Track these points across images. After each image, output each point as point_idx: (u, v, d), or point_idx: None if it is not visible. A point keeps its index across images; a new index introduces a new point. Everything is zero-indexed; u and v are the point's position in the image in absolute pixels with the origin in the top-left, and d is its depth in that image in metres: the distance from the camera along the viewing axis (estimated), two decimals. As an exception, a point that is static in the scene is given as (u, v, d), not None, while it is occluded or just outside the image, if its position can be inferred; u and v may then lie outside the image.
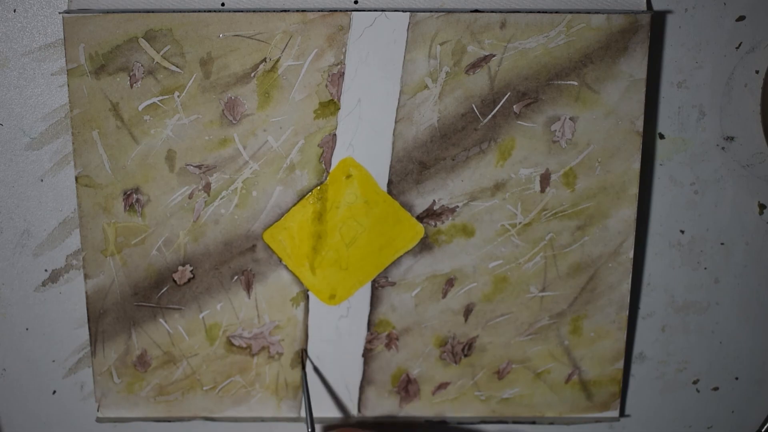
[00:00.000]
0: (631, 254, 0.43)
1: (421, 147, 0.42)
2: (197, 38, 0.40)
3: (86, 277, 0.42)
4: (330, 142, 0.41)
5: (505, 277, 0.43)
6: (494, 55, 0.40)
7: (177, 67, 0.40)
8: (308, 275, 0.43)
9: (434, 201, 0.42)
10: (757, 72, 0.43)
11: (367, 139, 0.41)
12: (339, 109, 0.41)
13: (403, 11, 0.40)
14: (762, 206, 0.44)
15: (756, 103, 0.43)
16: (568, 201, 0.43)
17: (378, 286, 0.43)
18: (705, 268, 0.45)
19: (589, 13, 0.40)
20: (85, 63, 0.40)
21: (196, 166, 0.41)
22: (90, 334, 0.43)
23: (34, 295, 0.44)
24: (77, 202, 0.41)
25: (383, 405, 0.45)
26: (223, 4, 0.40)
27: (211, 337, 0.43)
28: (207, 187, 0.42)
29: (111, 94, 0.40)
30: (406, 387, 0.45)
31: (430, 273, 0.43)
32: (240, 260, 0.42)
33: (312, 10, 0.40)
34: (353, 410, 0.45)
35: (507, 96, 0.41)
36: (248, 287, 0.43)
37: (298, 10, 0.40)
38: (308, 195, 0.42)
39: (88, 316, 0.43)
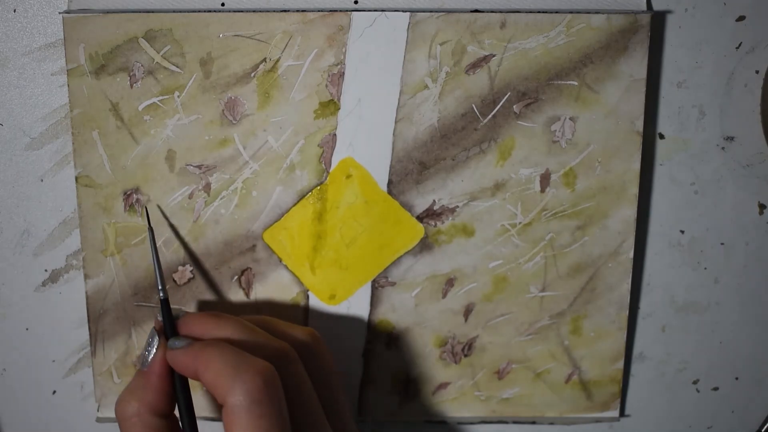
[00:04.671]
0: (631, 254, 0.43)
1: (421, 147, 0.42)
2: (197, 38, 0.40)
3: (86, 277, 0.42)
4: (330, 142, 0.41)
5: (505, 277, 0.43)
6: (494, 55, 0.40)
7: (177, 67, 0.40)
8: (308, 275, 0.43)
9: (434, 201, 0.42)
10: (757, 72, 0.43)
11: (367, 139, 0.42)
12: (339, 109, 0.41)
13: (403, 11, 0.40)
14: (762, 206, 0.45)
15: (756, 103, 0.43)
16: (568, 201, 0.43)
17: (378, 286, 0.43)
18: (705, 268, 0.45)
19: (589, 13, 0.40)
20: (85, 63, 0.40)
21: (196, 166, 0.41)
22: (90, 334, 0.43)
23: (34, 295, 0.44)
24: (77, 202, 0.41)
25: (383, 405, 0.45)
26: (223, 4, 0.40)
27: (211, 337, 0.43)
28: (207, 187, 0.42)
29: (111, 94, 0.40)
30: (406, 387, 0.45)
31: (430, 273, 0.43)
32: (240, 260, 0.43)
33: (312, 10, 0.40)
34: (353, 410, 0.45)
35: (507, 96, 0.41)
36: (248, 287, 0.43)
37: (298, 10, 0.40)
38: (308, 195, 0.42)
39: (88, 316, 0.43)
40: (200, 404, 0.44)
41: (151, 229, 0.40)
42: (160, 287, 0.38)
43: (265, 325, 0.39)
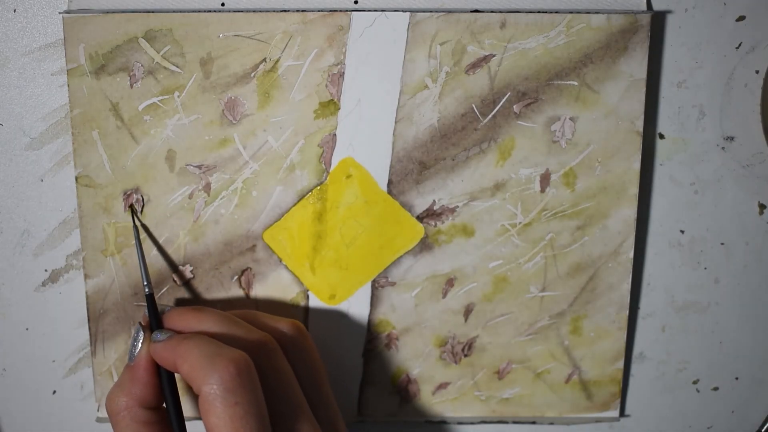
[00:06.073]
0: (631, 254, 0.43)
1: (421, 147, 0.42)
2: (197, 38, 0.40)
3: (86, 277, 0.42)
4: (330, 142, 0.41)
5: (505, 277, 0.43)
6: (494, 55, 0.40)
7: (177, 67, 0.40)
8: (308, 275, 0.43)
9: (434, 201, 0.42)
10: (757, 72, 0.43)
11: (367, 139, 0.42)
12: (339, 109, 0.41)
13: (403, 11, 0.40)
14: (762, 206, 0.45)
15: (756, 103, 0.43)
16: (568, 201, 0.43)
17: (378, 286, 0.43)
18: (705, 268, 0.45)
19: (589, 13, 0.40)
20: (85, 63, 0.40)
21: (196, 166, 0.41)
22: (90, 334, 0.43)
23: (34, 295, 0.44)
24: (77, 202, 0.41)
25: (383, 405, 0.45)
26: (223, 4, 0.40)
27: (211, 337, 0.43)
28: (207, 187, 0.42)
29: (111, 94, 0.40)
30: (406, 387, 0.45)
31: (430, 273, 0.43)
32: (240, 260, 0.43)
33: (312, 10, 0.40)
34: (353, 410, 0.45)
35: (507, 96, 0.41)
36: (248, 287, 0.43)
37: (298, 10, 0.40)
38: (308, 195, 0.42)
39: (88, 316, 0.43)
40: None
41: (135, 227, 0.41)
42: (145, 282, 0.39)
43: (249, 318, 0.40)
